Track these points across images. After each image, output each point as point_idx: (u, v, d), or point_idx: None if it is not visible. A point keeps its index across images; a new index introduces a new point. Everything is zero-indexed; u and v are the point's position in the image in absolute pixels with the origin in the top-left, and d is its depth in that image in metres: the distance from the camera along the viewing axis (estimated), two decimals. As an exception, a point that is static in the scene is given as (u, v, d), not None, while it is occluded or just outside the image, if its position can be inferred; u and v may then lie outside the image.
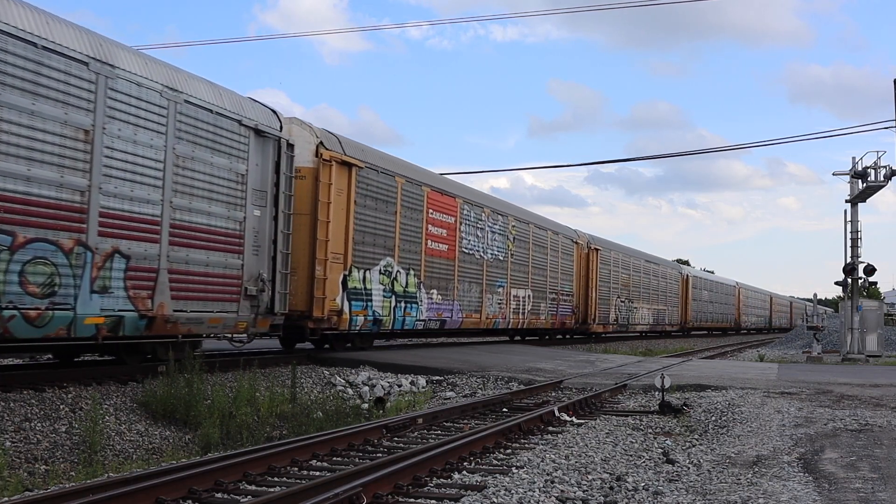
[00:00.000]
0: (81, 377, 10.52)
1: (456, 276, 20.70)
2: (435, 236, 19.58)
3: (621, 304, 36.43)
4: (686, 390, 13.96)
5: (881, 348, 30.95)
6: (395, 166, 18.15)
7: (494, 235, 23.37)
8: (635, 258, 39.47)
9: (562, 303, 29.50)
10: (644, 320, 40.41)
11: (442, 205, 20.06)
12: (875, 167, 27.61)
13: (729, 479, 7.12)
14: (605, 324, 34.06)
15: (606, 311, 34.13)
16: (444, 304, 19.92)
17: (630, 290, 37.92)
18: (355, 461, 7.77)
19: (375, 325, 16.83)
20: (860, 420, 10.59)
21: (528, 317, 26.05)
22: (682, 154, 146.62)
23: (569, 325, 30.44)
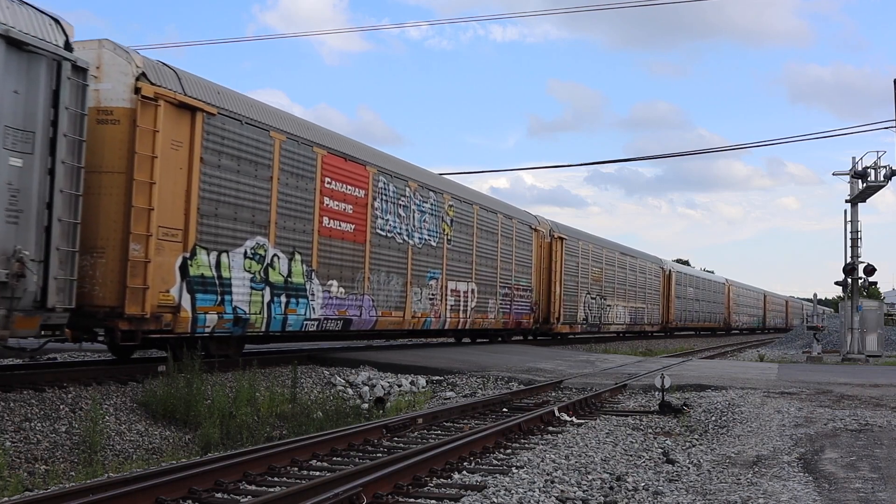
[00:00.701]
0: (81, 377, 10.52)
1: (367, 263, 16.41)
2: (335, 213, 15.35)
3: (592, 302, 32.58)
4: (686, 390, 13.96)
5: (881, 348, 30.95)
6: (272, 118, 13.79)
7: (424, 216, 19.13)
8: (609, 250, 35.45)
9: (517, 299, 25.38)
10: (619, 319, 36.52)
11: (346, 174, 15.77)
12: (875, 167, 27.60)
13: (729, 479, 7.12)
14: (573, 323, 30.25)
15: (573, 310, 30.28)
16: (349, 298, 15.73)
17: (603, 286, 34.04)
18: (355, 461, 7.77)
19: (239, 327, 12.75)
20: (860, 420, 10.59)
21: (471, 315, 21.91)
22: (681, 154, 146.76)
23: (526, 324, 26.31)
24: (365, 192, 16.47)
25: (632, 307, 38.65)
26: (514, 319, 25.20)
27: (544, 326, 28.00)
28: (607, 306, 34.73)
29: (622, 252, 37.78)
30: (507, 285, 24.68)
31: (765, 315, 77.49)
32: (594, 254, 33.08)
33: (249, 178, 12.97)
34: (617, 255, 36.53)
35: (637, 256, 40.19)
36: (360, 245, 16.33)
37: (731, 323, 61.92)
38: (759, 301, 74.52)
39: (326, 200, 15.15)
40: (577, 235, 31.58)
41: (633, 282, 39.04)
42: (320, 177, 14.94)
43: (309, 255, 14.55)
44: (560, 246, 29.02)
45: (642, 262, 41.00)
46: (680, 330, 48.67)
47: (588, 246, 32.43)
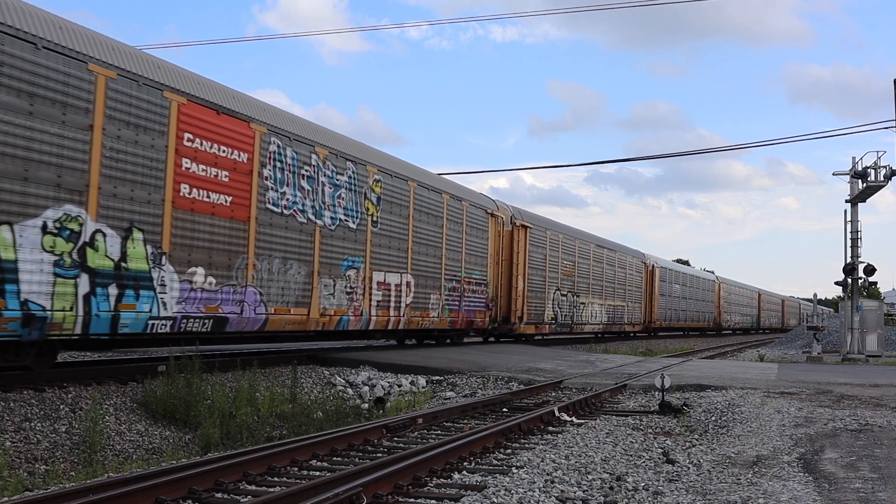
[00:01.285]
0: (81, 377, 10.53)
1: (252, 247, 13.05)
2: (201, 180, 11.98)
3: (563, 299, 29.22)
4: (686, 390, 13.96)
5: (881, 348, 30.96)
6: (94, 47, 10.45)
7: (339, 191, 15.65)
8: (583, 241, 32.03)
9: (469, 295, 21.81)
10: (595, 319, 33.26)
11: (218, 131, 12.38)
12: (875, 167, 27.61)
13: (729, 479, 7.12)
14: (539, 323, 26.91)
15: (540, 307, 26.95)
16: (223, 291, 12.39)
17: (576, 282, 30.68)
18: (355, 461, 7.77)
19: (34, 328, 9.38)
20: (860, 420, 10.59)
21: (407, 313, 18.38)
22: (681, 154, 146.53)
23: (480, 323, 22.80)
24: (249, 156, 13.00)
25: (610, 305, 35.21)
26: (464, 318, 21.62)
27: (504, 326, 24.53)
28: (581, 304, 31.36)
29: (598, 244, 34.30)
30: (456, 278, 21.04)
31: (759, 315, 74.06)
32: (565, 245, 29.83)
33: (53, 123, 9.66)
34: (592, 248, 33.14)
35: (616, 250, 36.82)
36: (242, 223, 12.81)
37: (722, 323, 58.90)
38: (752, 300, 71.47)
39: (186, 163, 11.75)
40: (545, 224, 28.07)
41: (612, 277, 35.65)
42: (176, 131, 11.56)
43: (157, 233, 11.21)
44: (523, 235, 25.45)
45: (622, 256, 37.54)
46: (665, 330, 45.77)
47: (558, 236, 28.95)
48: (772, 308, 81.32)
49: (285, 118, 14.41)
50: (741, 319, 65.98)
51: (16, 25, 9.35)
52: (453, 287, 21.03)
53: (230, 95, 13.02)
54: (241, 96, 13.41)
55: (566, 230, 30.49)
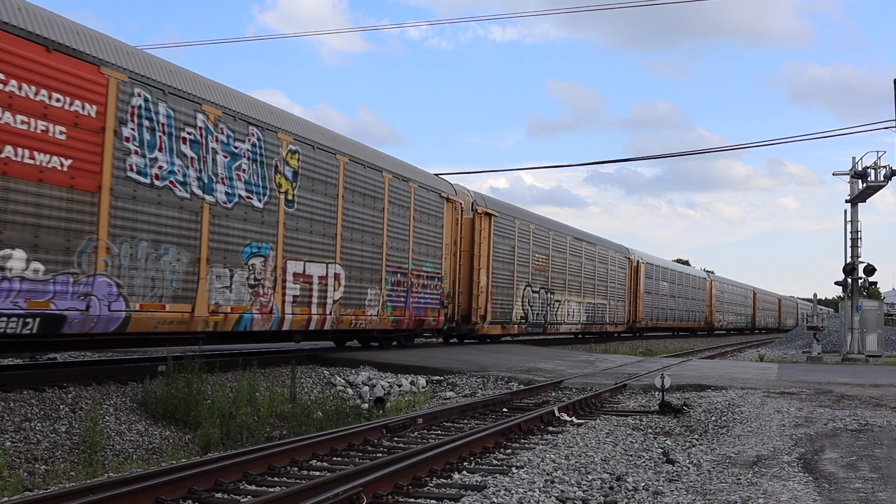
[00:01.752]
0: (81, 377, 10.53)
1: (105, 225, 10.37)
2: (18, 135, 9.28)
3: (534, 297, 26.60)
4: (686, 390, 13.96)
5: (881, 348, 30.96)
6: None
7: (238, 162, 12.91)
8: (558, 233, 29.20)
9: (418, 290, 18.97)
10: (573, 318, 30.56)
11: (50, 74, 9.72)
12: (875, 167, 27.61)
13: (729, 479, 7.12)
14: (506, 322, 24.38)
15: (507, 306, 24.38)
16: (57, 282, 9.69)
17: (550, 278, 28.01)
18: (355, 461, 7.77)
19: None
20: (860, 420, 10.59)
21: (335, 310, 15.38)
22: (681, 154, 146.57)
23: (434, 323, 19.99)
24: (100, 108, 10.30)
25: (589, 304, 32.40)
26: (412, 316, 18.69)
27: (464, 326, 21.90)
28: (556, 302, 28.58)
29: (576, 237, 31.44)
30: (401, 270, 18.11)
31: (754, 314, 71.50)
32: (538, 237, 26.97)
33: None
34: (569, 240, 30.28)
35: (596, 243, 33.82)
36: (88, 194, 10.11)
37: (714, 322, 56.12)
38: (746, 299, 68.81)
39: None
40: (513, 212, 25.32)
41: (591, 273, 32.84)
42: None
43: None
44: (487, 224, 22.72)
45: (603, 250, 34.61)
46: (651, 330, 43.18)
47: (528, 226, 26.20)
48: (767, 307, 78.95)
49: (158, 66, 11.53)
50: (735, 319, 63.68)
51: None
52: (398, 281, 18.01)
53: (71, 30, 10.11)
54: (89, 33, 10.46)
55: (539, 220, 27.73)
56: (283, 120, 14.27)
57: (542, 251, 27.52)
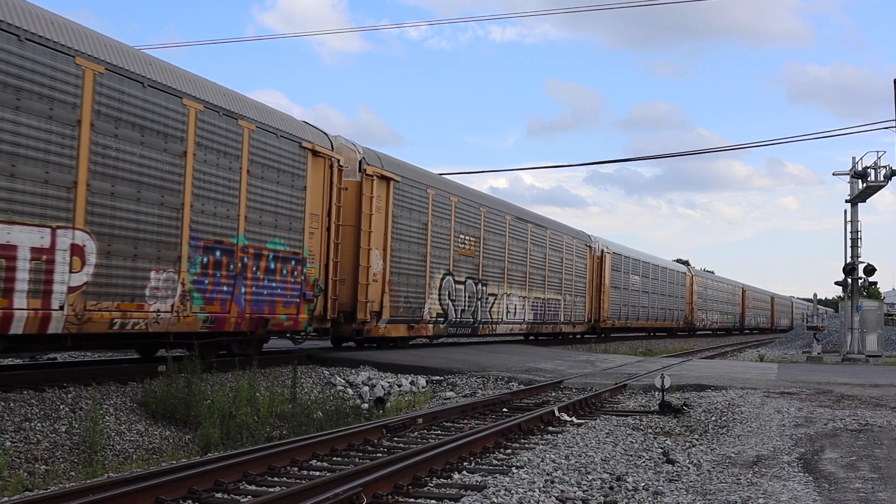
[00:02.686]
0: (81, 377, 10.53)
1: None
2: None
3: (458, 289, 21.02)
4: (686, 390, 13.97)
5: (881, 348, 30.96)
6: None
7: None
8: (493, 210, 23.58)
9: (257, 276, 13.37)
10: (514, 316, 25.23)
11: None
12: (875, 167, 27.62)
13: (729, 479, 7.12)
14: (414, 321, 18.93)
15: (416, 299, 18.82)
16: None
17: (482, 265, 22.57)
18: (355, 461, 7.77)
19: None
20: (860, 420, 10.59)
21: (76, 303, 9.97)
22: (681, 154, 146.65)
23: (288, 323, 14.27)
24: None
25: (538, 299, 27.12)
26: (244, 314, 13.02)
27: (346, 326, 16.51)
28: (490, 297, 23.27)
29: (518, 217, 25.83)
30: (223, 246, 12.56)
31: (743, 313, 66.15)
32: (464, 213, 21.46)
33: None
34: (509, 220, 24.71)
35: (547, 226, 28.40)
36: None
37: (695, 322, 51.13)
38: (734, 296, 63.64)
39: None
40: (426, 179, 19.82)
41: (540, 262, 27.32)
42: None
43: None
44: (384, 191, 17.55)
45: (556, 235, 29.11)
46: (619, 330, 38.12)
47: (449, 199, 20.56)
48: (759, 306, 73.66)
49: None
50: (720, 318, 58.64)
51: None
52: (217, 262, 12.48)
53: None
54: None
55: (465, 192, 22.21)
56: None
57: (470, 232, 21.80)
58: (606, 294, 34.63)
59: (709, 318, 54.94)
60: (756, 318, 71.78)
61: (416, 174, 19.41)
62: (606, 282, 34.70)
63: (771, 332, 74.91)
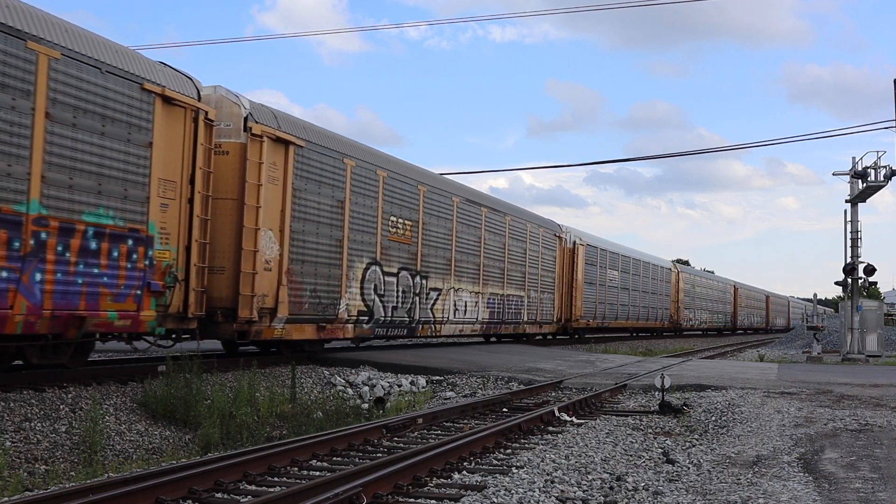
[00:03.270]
0: (81, 377, 10.53)
1: None
2: None
3: (389, 282, 17.39)
4: (686, 390, 13.97)
5: (881, 348, 30.97)
6: None
7: None
8: (436, 190, 19.77)
9: (65, 258, 9.88)
10: (466, 315, 21.60)
11: None
12: (875, 167, 27.62)
13: (729, 479, 7.12)
14: (328, 320, 15.26)
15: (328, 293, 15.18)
16: None
17: (421, 255, 18.87)
18: (355, 461, 7.77)
19: None
20: (860, 420, 10.59)
21: None
22: (681, 154, 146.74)
23: (133, 322, 10.87)
24: None
25: (495, 296, 23.69)
26: (45, 310, 9.62)
27: (226, 327, 12.98)
28: (433, 292, 19.70)
29: (470, 199, 22.15)
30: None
31: (735, 312, 62.89)
32: (397, 191, 17.69)
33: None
34: (457, 203, 21.02)
35: (507, 212, 24.93)
36: None
37: (682, 321, 47.93)
38: (725, 294, 60.38)
39: None
40: (344, 147, 15.98)
41: (498, 252, 23.84)
42: None
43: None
44: (280, 157, 13.94)
45: (518, 223, 25.56)
46: (595, 331, 34.38)
47: (375, 172, 16.73)
48: (752, 305, 70.30)
49: None
50: (710, 318, 55.48)
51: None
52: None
53: None
54: None
55: (396, 166, 18.23)
56: None
57: (405, 214, 18.18)
58: (579, 290, 31.24)
59: (697, 318, 52.06)
60: (750, 318, 68.77)
61: (327, 139, 15.54)
62: (579, 277, 31.26)
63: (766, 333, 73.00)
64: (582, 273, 31.56)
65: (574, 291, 30.89)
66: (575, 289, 30.91)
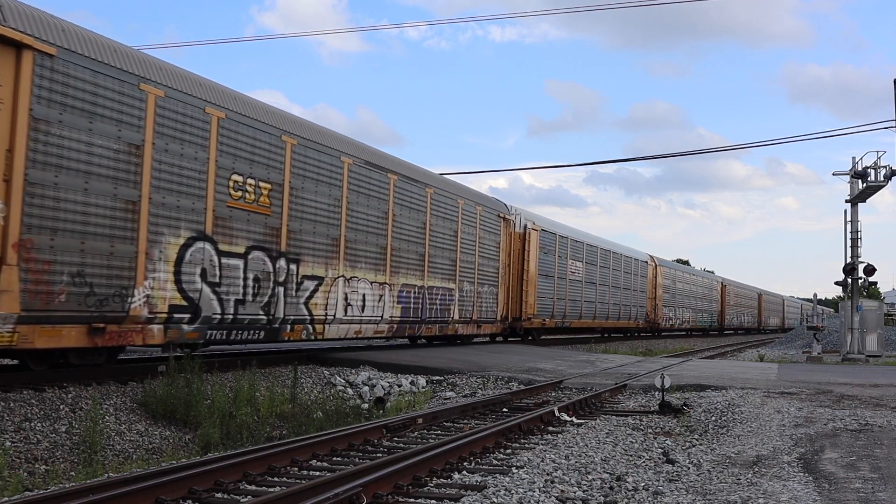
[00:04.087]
0: (81, 377, 10.52)
1: None
2: None
3: (229, 266, 12.76)
4: (686, 390, 13.97)
5: (881, 348, 30.97)
6: None
7: None
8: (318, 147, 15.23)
9: None
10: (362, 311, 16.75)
11: None
12: (875, 167, 27.63)
13: (729, 479, 7.12)
14: (105, 320, 10.38)
15: (113, 281, 10.51)
16: None
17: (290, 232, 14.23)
18: (355, 461, 7.78)
19: None
20: (860, 420, 10.60)
21: None
22: (680, 154, 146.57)
23: None
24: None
25: (410, 288, 18.92)
26: None
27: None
28: (307, 280, 14.85)
29: (369, 162, 17.08)
30: None
31: (722, 311, 58.66)
32: (243, 143, 13.10)
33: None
34: (348, 165, 16.15)
35: (430, 184, 19.99)
36: None
37: (660, 320, 43.67)
38: (711, 292, 56.09)
39: None
40: (140, 67, 11.20)
41: (416, 234, 19.09)
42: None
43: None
44: (9, 72, 9.17)
45: (444, 197, 20.63)
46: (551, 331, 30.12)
47: (206, 111, 12.24)
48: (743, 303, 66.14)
49: None
50: (693, 317, 51.20)
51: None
52: None
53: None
54: None
55: (244, 106, 13.38)
56: None
57: (259, 173, 13.43)
58: (531, 284, 26.31)
59: (679, 317, 47.70)
60: (739, 317, 63.99)
61: (103, 50, 10.65)
62: (531, 268, 26.28)
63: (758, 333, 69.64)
64: (535, 263, 26.79)
65: (525, 285, 26.17)
66: (526, 282, 26.20)
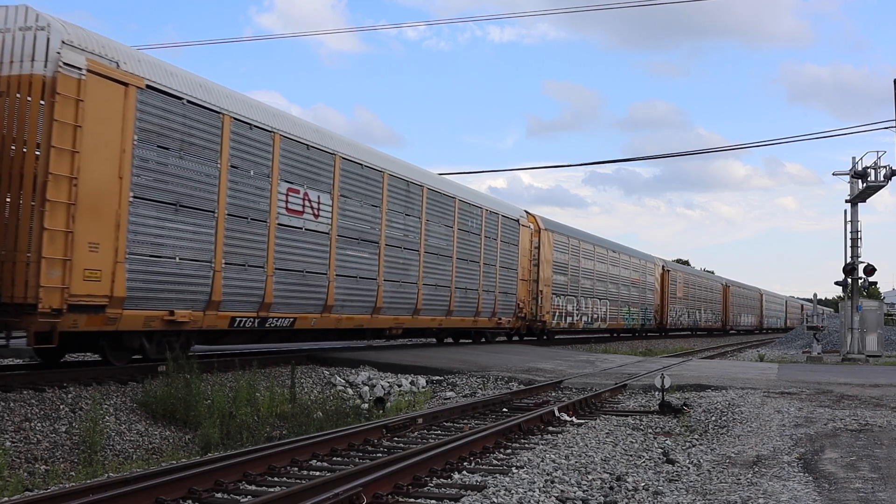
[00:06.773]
0: (81, 377, 10.53)
1: None
2: None
3: None
4: (686, 390, 13.96)
5: (881, 348, 30.95)
6: None
7: None
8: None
9: None
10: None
11: None
12: (875, 167, 27.61)
13: (729, 479, 7.12)
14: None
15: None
16: None
17: None
18: (355, 461, 7.77)
19: None
20: (860, 420, 10.59)
21: None
22: (680, 154, 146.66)
23: None
24: None
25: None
26: None
27: None
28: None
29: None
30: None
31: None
32: None
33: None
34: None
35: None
36: None
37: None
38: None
39: None
40: None
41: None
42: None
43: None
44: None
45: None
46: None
47: None
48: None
49: None
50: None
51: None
52: None
53: None
54: None
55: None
56: None
57: None
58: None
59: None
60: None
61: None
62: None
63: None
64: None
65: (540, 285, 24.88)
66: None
